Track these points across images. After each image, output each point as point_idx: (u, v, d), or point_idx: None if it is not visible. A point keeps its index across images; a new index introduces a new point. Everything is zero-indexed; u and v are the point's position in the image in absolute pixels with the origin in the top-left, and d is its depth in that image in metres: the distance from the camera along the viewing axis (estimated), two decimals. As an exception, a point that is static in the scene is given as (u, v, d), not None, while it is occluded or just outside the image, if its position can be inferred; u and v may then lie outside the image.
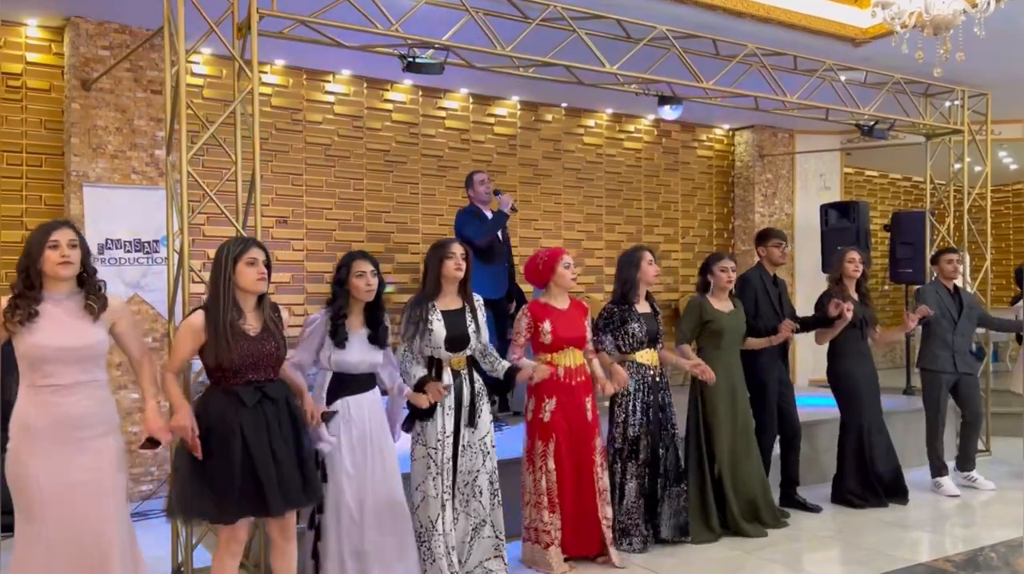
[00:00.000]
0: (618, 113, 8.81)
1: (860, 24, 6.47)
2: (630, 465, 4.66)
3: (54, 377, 2.96)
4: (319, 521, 3.69)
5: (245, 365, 3.21)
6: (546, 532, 4.31)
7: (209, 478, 3.14)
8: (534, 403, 4.41)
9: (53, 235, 3.00)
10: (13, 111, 5.81)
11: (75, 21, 5.69)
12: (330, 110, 7.18)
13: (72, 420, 2.98)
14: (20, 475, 2.96)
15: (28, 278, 2.98)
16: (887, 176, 11.83)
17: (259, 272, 3.28)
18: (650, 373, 4.74)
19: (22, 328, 2.93)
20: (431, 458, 3.95)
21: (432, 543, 3.93)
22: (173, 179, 4.29)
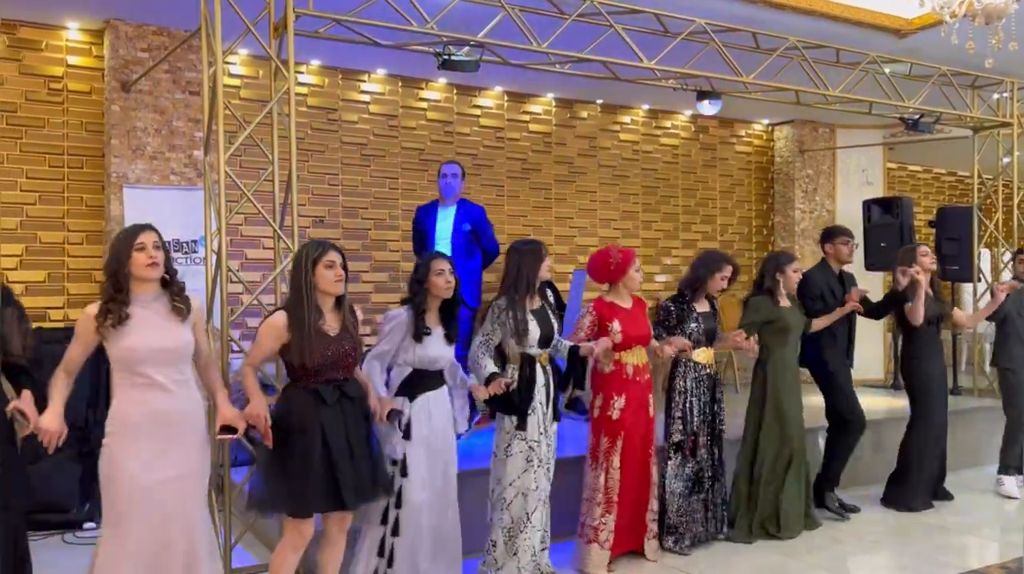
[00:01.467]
0: (654, 109, 8.70)
1: (905, 15, 6.30)
2: (687, 462, 4.69)
3: (150, 377, 3.01)
4: (397, 516, 3.69)
5: (326, 364, 3.31)
6: (593, 529, 4.33)
7: (290, 473, 3.23)
8: (602, 400, 4.40)
9: (139, 238, 3.04)
10: (55, 113, 5.89)
11: (114, 24, 5.75)
12: (365, 109, 7.18)
13: (167, 417, 3.04)
14: (114, 471, 3.00)
15: (117, 282, 3.02)
16: (931, 171, 11.57)
17: (337, 274, 3.37)
18: (706, 371, 4.75)
19: (115, 331, 2.98)
20: (533, 452, 4.00)
21: (521, 538, 3.98)
22: (211, 179, 4.30)
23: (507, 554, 4.00)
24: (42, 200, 5.85)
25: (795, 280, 5.03)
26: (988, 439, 6.52)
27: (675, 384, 4.71)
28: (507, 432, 4.02)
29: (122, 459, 2.98)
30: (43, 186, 5.85)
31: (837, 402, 5.31)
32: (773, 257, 5.18)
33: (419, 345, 3.71)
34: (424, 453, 3.71)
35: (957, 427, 6.45)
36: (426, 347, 3.73)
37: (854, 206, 9.10)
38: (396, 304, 6.81)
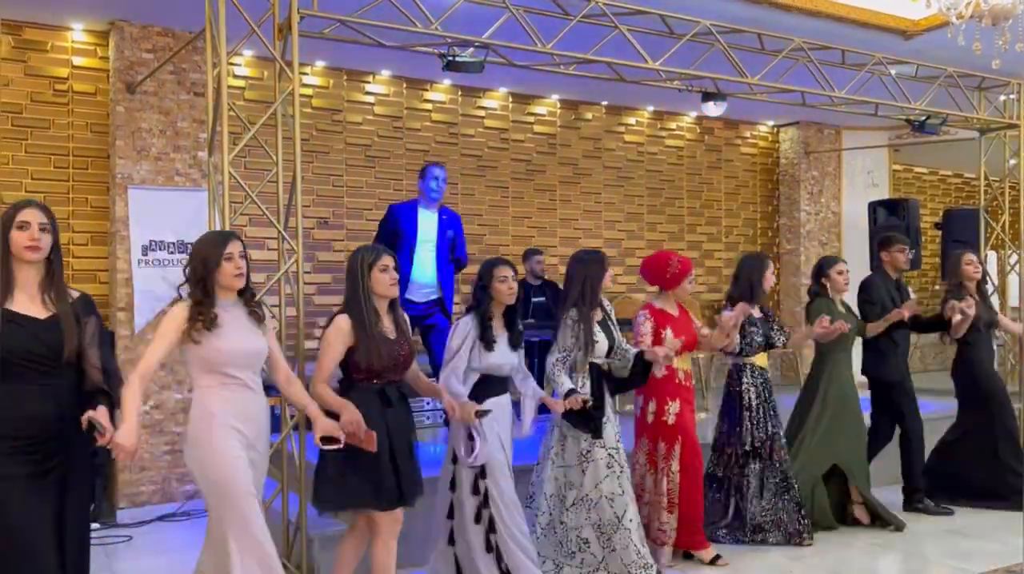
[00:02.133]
0: (660, 110, 8.69)
1: (911, 16, 6.28)
2: (770, 465, 4.78)
3: (239, 378, 3.12)
4: (489, 514, 3.80)
5: (387, 366, 3.43)
6: (662, 531, 4.44)
7: (361, 470, 3.33)
8: (655, 405, 4.46)
9: (228, 247, 3.14)
10: (60, 114, 5.90)
11: (119, 25, 5.75)
12: (370, 111, 7.18)
13: (250, 415, 3.15)
14: (207, 454, 3.06)
15: (204, 287, 3.10)
16: (937, 173, 11.53)
17: (392, 278, 3.49)
18: (766, 375, 4.87)
19: (207, 333, 3.06)
20: (612, 458, 4.14)
21: (616, 537, 4.11)
22: (215, 181, 4.30)
23: (605, 550, 4.13)
24: (47, 201, 5.75)
25: (842, 282, 5.10)
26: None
27: (740, 389, 4.79)
28: (585, 440, 4.13)
29: (213, 441, 3.05)
30: (48, 187, 5.86)
31: (903, 407, 5.38)
32: (820, 262, 5.29)
33: (487, 352, 3.81)
34: (502, 452, 3.85)
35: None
36: (493, 354, 3.82)
37: (860, 208, 9.08)
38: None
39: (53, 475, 2.80)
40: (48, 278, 2.85)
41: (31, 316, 2.80)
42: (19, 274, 2.81)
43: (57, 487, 2.80)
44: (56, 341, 2.79)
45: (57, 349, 2.78)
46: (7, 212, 2.84)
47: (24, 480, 2.73)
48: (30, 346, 2.75)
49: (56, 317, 2.82)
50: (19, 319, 2.77)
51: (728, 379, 4.90)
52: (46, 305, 2.83)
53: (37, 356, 2.76)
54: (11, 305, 2.78)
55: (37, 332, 2.77)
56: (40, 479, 2.77)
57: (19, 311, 2.78)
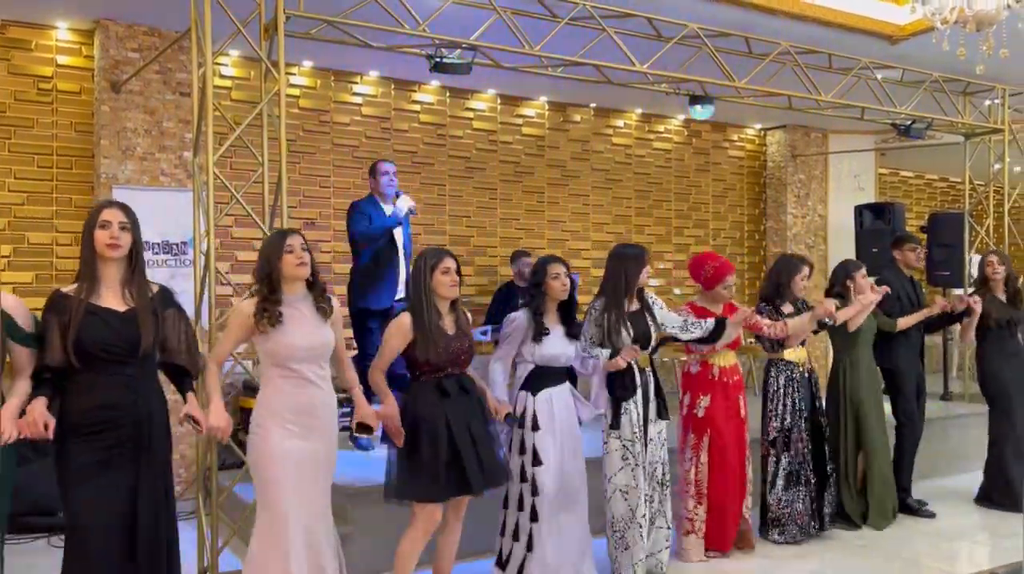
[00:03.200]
0: (647, 113, 8.70)
1: (897, 21, 6.32)
2: (783, 457, 4.86)
3: (300, 372, 3.27)
4: (533, 502, 3.92)
5: (446, 361, 3.62)
6: (689, 520, 4.57)
7: (421, 462, 3.51)
8: (689, 398, 4.67)
9: (288, 240, 3.29)
10: (44, 114, 5.85)
11: (105, 24, 5.71)
12: (357, 111, 7.16)
13: (312, 409, 3.30)
14: (264, 454, 3.25)
15: (270, 283, 3.26)
16: (923, 177, 11.61)
17: (452, 280, 3.67)
18: (799, 370, 4.96)
19: (272, 329, 3.21)
20: (627, 450, 4.18)
21: (628, 532, 4.16)
22: (200, 181, 4.28)
23: (617, 548, 4.18)
24: (31, 201, 5.80)
25: (865, 286, 5.19)
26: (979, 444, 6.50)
27: (768, 384, 4.95)
28: (604, 430, 4.26)
29: (274, 443, 3.23)
30: (32, 187, 5.81)
31: (898, 405, 5.50)
32: (843, 264, 5.39)
33: (539, 345, 3.98)
34: (552, 442, 3.94)
35: (948, 432, 6.47)
36: (545, 346, 3.99)
37: (846, 211, 9.11)
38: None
39: (126, 462, 2.93)
40: (129, 274, 3.01)
41: (111, 309, 2.95)
42: (103, 270, 2.97)
43: (130, 474, 2.94)
44: (133, 334, 2.94)
45: (134, 342, 2.93)
46: (91, 212, 3.03)
47: (97, 466, 2.88)
48: (108, 338, 2.90)
49: (134, 310, 2.97)
50: (100, 312, 2.92)
51: (764, 376, 5.08)
52: (126, 299, 2.99)
53: (114, 347, 2.91)
54: (95, 299, 2.94)
55: (115, 325, 2.92)
56: (112, 466, 2.91)
57: (101, 305, 2.94)
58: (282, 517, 3.22)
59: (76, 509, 2.89)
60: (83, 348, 2.86)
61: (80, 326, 2.86)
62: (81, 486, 2.88)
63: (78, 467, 2.88)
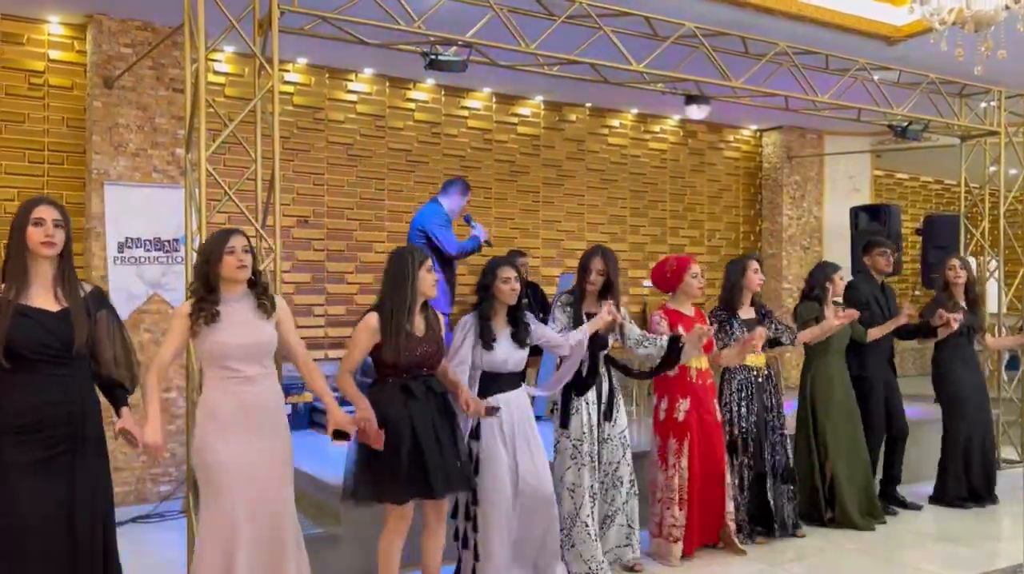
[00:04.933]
0: (643, 113, 8.68)
1: (895, 22, 6.31)
2: (744, 460, 4.86)
3: (238, 371, 3.19)
4: (474, 512, 3.89)
5: (414, 363, 3.55)
6: (674, 527, 4.53)
7: (382, 462, 3.45)
8: (667, 403, 4.63)
9: (230, 242, 3.21)
10: (35, 109, 5.79)
11: (98, 18, 5.66)
12: (352, 109, 7.12)
13: (254, 408, 3.22)
14: (207, 457, 3.18)
15: (208, 282, 3.20)
16: (919, 179, 11.60)
17: (435, 278, 3.65)
18: (754, 374, 4.94)
19: (206, 328, 3.15)
20: (576, 450, 4.20)
21: (574, 530, 4.17)
22: (193, 178, 4.24)
23: (564, 545, 4.17)
24: (21, 196, 5.72)
25: (841, 287, 5.26)
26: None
27: (723, 389, 4.93)
28: (555, 430, 4.27)
29: (214, 445, 3.16)
30: (23, 182, 5.75)
31: (868, 415, 5.48)
32: (821, 266, 5.42)
33: (487, 351, 3.90)
34: (499, 449, 3.87)
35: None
36: (494, 352, 3.90)
37: (842, 213, 9.11)
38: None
39: (62, 463, 2.88)
40: (61, 273, 2.95)
41: (44, 309, 2.89)
42: (34, 269, 2.90)
43: (66, 474, 2.89)
44: (67, 334, 2.88)
45: (68, 341, 2.88)
46: (21, 209, 2.94)
47: (32, 467, 2.84)
48: (42, 338, 2.85)
49: (67, 310, 2.91)
50: (32, 313, 2.86)
51: (719, 379, 5.05)
52: (59, 299, 2.93)
53: (48, 348, 2.86)
54: (26, 299, 2.88)
55: (49, 325, 2.87)
56: (48, 466, 2.86)
57: (32, 305, 2.88)
58: (225, 520, 3.13)
59: (9, 510, 2.82)
60: (14, 349, 2.81)
61: (11, 327, 2.80)
62: (15, 487, 2.81)
63: (12, 468, 2.82)
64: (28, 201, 2.96)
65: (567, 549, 4.17)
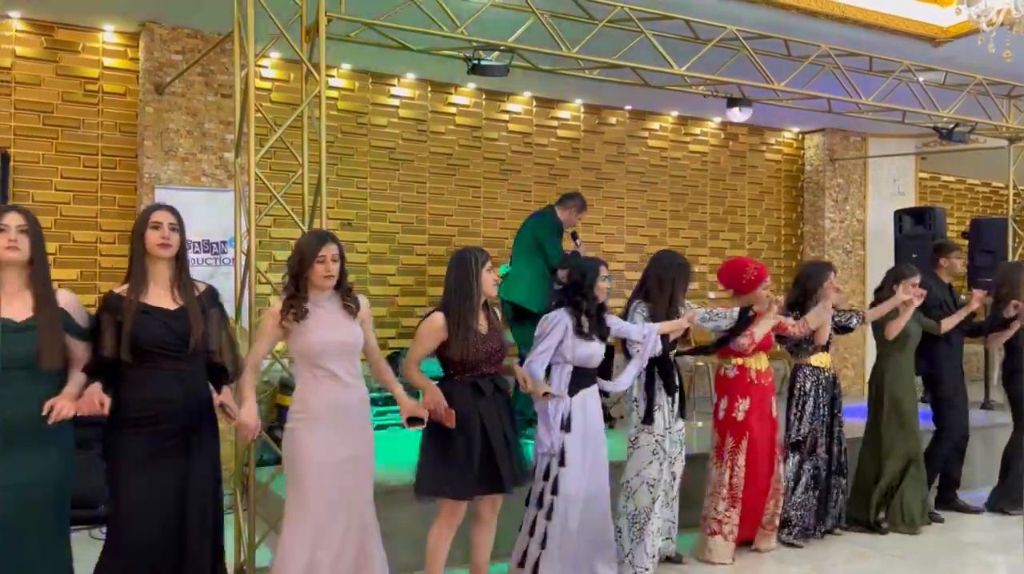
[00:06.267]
0: (684, 115, 8.66)
1: (941, 23, 6.22)
2: (804, 461, 4.93)
3: (329, 369, 3.34)
4: (551, 502, 3.95)
5: (480, 360, 3.66)
6: (718, 521, 4.59)
7: (453, 459, 3.56)
8: (727, 402, 4.70)
9: (322, 250, 3.34)
10: (90, 114, 5.98)
11: (150, 27, 5.82)
12: (395, 113, 7.22)
13: (344, 405, 3.37)
14: (297, 450, 3.32)
15: (297, 283, 3.36)
16: (965, 182, 11.39)
17: (496, 278, 3.78)
18: (824, 375, 5.03)
19: (297, 327, 3.31)
20: (659, 445, 4.30)
21: (647, 525, 4.25)
22: (242, 181, 4.34)
23: (633, 541, 4.25)
24: (76, 200, 5.93)
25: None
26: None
27: (795, 388, 5.00)
28: (635, 426, 4.34)
29: (306, 441, 3.30)
30: (77, 186, 5.94)
31: (941, 411, 5.51)
32: (894, 269, 5.44)
33: (580, 346, 3.98)
34: (581, 444, 3.97)
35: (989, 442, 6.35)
36: (586, 346, 4.00)
37: (885, 216, 8.99)
38: (420, 307, 6.90)
39: (177, 454, 3.05)
40: (177, 273, 3.13)
41: (163, 307, 3.07)
42: (152, 270, 3.09)
43: (180, 465, 3.06)
44: (184, 330, 3.05)
45: (185, 338, 3.05)
46: (142, 214, 3.14)
47: (149, 457, 3.00)
48: (162, 335, 3.02)
49: (184, 309, 3.09)
50: (152, 311, 3.04)
51: (789, 380, 5.12)
52: (175, 298, 3.10)
53: (167, 344, 3.03)
54: (146, 298, 3.05)
55: (168, 322, 3.05)
56: (164, 457, 3.02)
57: (152, 303, 3.06)
58: (312, 512, 3.28)
59: (126, 498, 2.99)
60: (138, 345, 2.97)
61: (135, 324, 2.97)
62: (133, 476, 2.99)
63: (130, 458, 2.99)
64: (147, 207, 3.17)
65: (636, 543, 4.25)
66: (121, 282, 3.13)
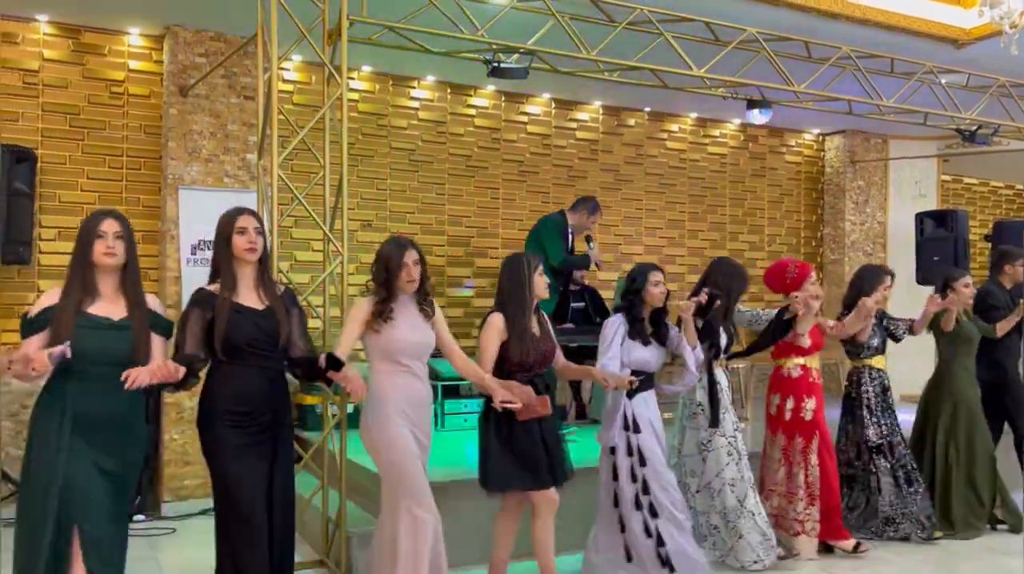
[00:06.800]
0: (703, 117, 8.64)
1: (963, 24, 6.19)
2: (890, 461, 5.04)
3: (406, 365, 3.55)
4: (648, 501, 4.05)
5: (536, 361, 3.84)
6: (799, 521, 4.67)
7: (519, 453, 3.74)
8: (793, 402, 4.75)
9: (406, 256, 3.57)
10: (115, 116, 6.06)
11: (174, 30, 5.90)
12: (415, 115, 7.26)
13: (416, 399, 3.59)
14: (389, 437, 3.50)
15: (388, 287, 3.56)
16: (988, 184, 11.29)
17: (546, 282, 3.95)
18: (883, 375, 5.14)
19: (384, 325, 3.51)
20: (732, 446, 4.45)
21: (741, 522, 4.38)
22: (264, 183, 4.39)
23: (733, 536, 4.41)
24: (101, 200, 6.01)
25: (968, 295, 5.29)
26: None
27: (862, 391, 5.09)
28: (705, 430, 4.46)
29: (395, 427, 3.49)
30: (103, 186, 6.02)
31: (1014, 415, 5.52)
32: (942, 272, 5.49)
33: (639, 348, 4.10)
34: (655, 442, 4.10)
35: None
36: (642, 350, 4.11)
37: (906, 219, 8.94)
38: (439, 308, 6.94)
39: (265, 446, 3.25)
40: (261, 275, 3.33)
41: (252, 307, 3.27)
42: (240, 272, 3.28)
43: (268, 457, 3.26)
44: (272, 329, 3.26)
45: (273, 336, 3.25)
46: (226, 218, 3.32)
47: (242, 449, 3.21)
48: (252, 334, 3.22)
49: (271, 308, 3.29)
50: (243, 310, 3.24)
51: (848, 382, 5.20)
52: (261, 298, 3.30)
53: (257, 342, 3.22)
54: (236, 298, 3.25)
55: (257, 321, 3.24)
56: (254, 449, 3.23)
57: (243, 303, 3.25)
58: (408, 493, 3.46)
59: (230, 484, 3.21)
60: (231, 343, 3.17)
61: (228, 323, 3.17)
62: (232, 464, 3.20)
63: (226, 448, 3.21)
64: (230, 211, 3.34)
65: (735, 540, 4.38)
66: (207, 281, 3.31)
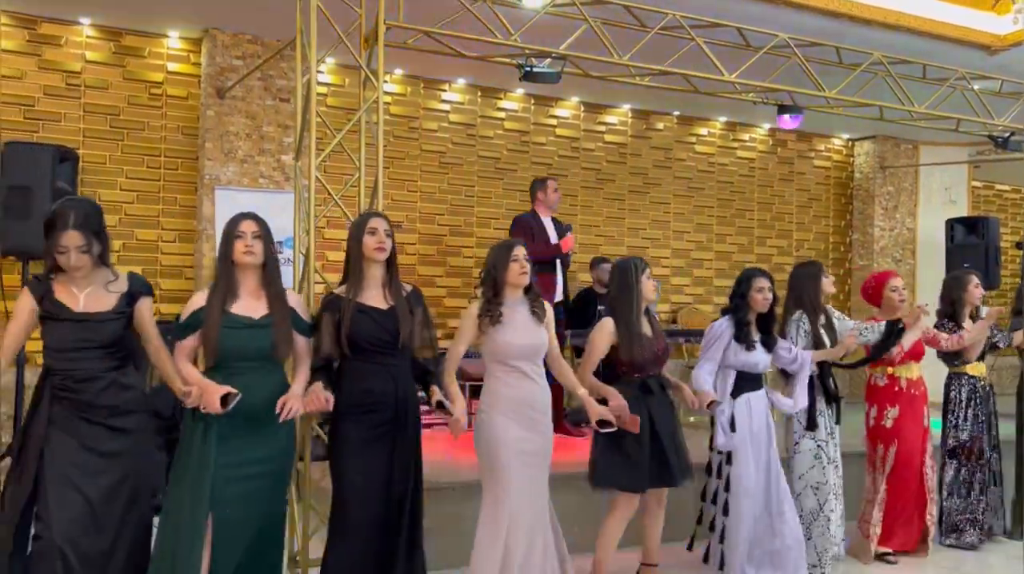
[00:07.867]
0: (732, 121, 8.65)
1: (997, 31, 6.15)
2: (963, 467, 5.09)
3: (519, 368, 3.56)
4: (725, 499, 4.17)
5: (648, 361, 3.91)
6: (870, 525, 4.78)
7: (626, 454, 3.80)
8: (876, 411, 4.90)
9: (514, 251, 3.60)
10: (154, 117, 6.19)
11: (212, 33, 6.02)
12: (445, 118, 7.34)
13: (530, 400, 3.59)
14: (491, 438, 3.53)
15: (495, 287, 3.59)
16: (1020, 191, 11.17)
17: (655, 284, 4.04)
18: (980, 383, 5.19)
19: (492, 328, 3.53)
20: (821, 450, 4.49)
21: (815, 525, 4.42)
22: (301, 183, 4.47)
23: (813, 538, 4.42)
24: (139, 199, 6.15)
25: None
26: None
27: (951, 397, 5.18)
28: (796, 432, 4.51)
29: (500, 427, 3.51)
30: (141, 186, 6.15)
31: None
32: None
33: (744, 352, 4.17)
34: (749, 443, 4.14)
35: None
36: (749, 354, 4.18)
37: (936, 225, 8.86)
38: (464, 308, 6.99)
39: (385, 442, 3.30)
40: (388, 275, 3.40)
41: (376, 307, 3.34)
42: (367, 272, 3.37)
43: (387, 452, 3.31)
44: (395, 328, 3.32)
45: (395, 335, 3.32)
46: (358, 221, 3.44)
47: (361, 443, 3.28)
48: (376, 332, 3.30)
49: (395, 308, 3.36)
50: (367, 310, 3.32)
51: (944, 387, 5.24)
52: (387, 298, 3.37)
53: (380, 340, 3.31)
54: (361, 299, 3.33)
55: (381, 320, 3.32)
56: (373, 444, 3.29)
57: (368, 303, 3.33)
58: (507, 499, 3.46)
59: (348, 476, 3.28)
60: (355, 341, 3.27)
61: (352, 322, 3.26)
62: (352, 458, 3.29)
63: (349, 442, 3.30)
64: (364, 214, 3.47)
65: (819, 539, 4.42)
66: (338, 283, 3.43)
